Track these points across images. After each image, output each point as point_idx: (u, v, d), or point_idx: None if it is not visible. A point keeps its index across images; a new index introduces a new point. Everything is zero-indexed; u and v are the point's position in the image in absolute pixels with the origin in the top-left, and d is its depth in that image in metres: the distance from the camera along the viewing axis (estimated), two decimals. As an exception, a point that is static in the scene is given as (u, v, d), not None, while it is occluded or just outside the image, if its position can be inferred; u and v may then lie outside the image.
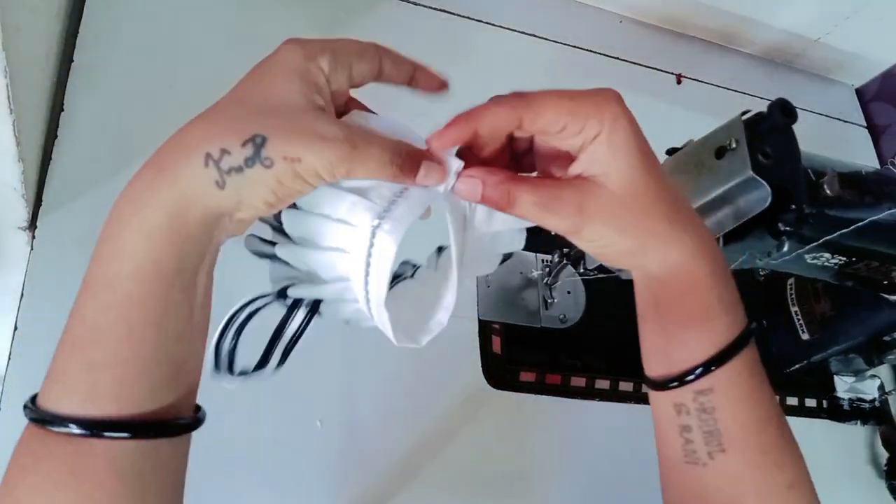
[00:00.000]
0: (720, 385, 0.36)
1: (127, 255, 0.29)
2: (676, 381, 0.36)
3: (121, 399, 0.28)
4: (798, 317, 0.70)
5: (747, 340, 0.36)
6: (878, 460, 0.73)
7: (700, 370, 0.35)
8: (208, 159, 0.28)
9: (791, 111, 0.45)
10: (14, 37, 0.41)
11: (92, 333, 0.29)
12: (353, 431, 0.54)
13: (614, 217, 0.33)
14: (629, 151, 0.32)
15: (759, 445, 0.36)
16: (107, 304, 0.29)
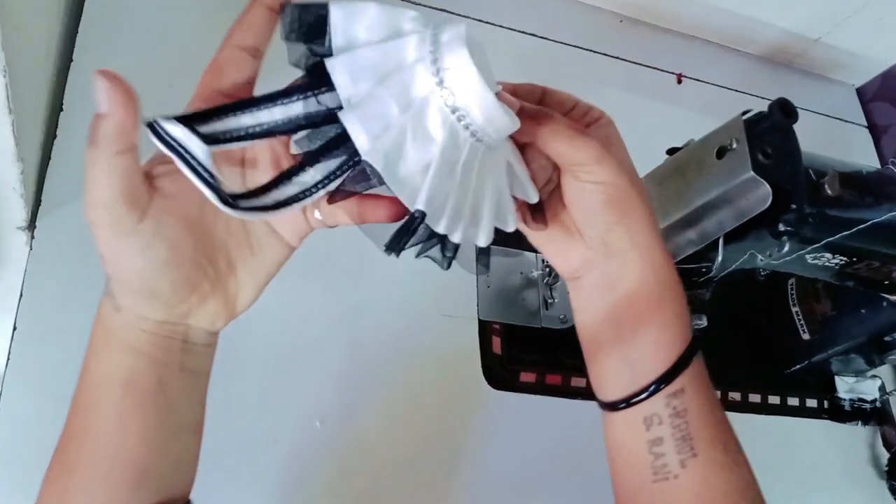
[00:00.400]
0: (690, 383, 0.36)
1: (91, 370, 0.33)
2: (649, 390, 0.36)
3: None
4: (799, 317, 0.70)
5: (701, 340, 0.38)
6: (879, 461, 0.73)
7: (671, 372, 0.36)
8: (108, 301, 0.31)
9: (791, 111, 0.45)
10: (14, 37, 0.41)
11: (64, 438, 0.33)
12: (353, 431, 0.54)
13: (627, 167, 0.35)
14: (621, 140, 0.36)
15: (723, 444, 0.37)
16: (73, 410, 0.33)
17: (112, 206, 0.28)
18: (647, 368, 0.37)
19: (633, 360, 0.37)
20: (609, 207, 0.35)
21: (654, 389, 0.36)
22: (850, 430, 0.73)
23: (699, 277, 0.51)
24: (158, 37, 0.61)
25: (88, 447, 0.32)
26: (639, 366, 0.37)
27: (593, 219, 0.35)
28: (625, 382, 0.38)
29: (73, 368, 0.48)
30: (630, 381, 0.37)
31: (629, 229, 0.36)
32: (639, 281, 0.37)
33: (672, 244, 0.50)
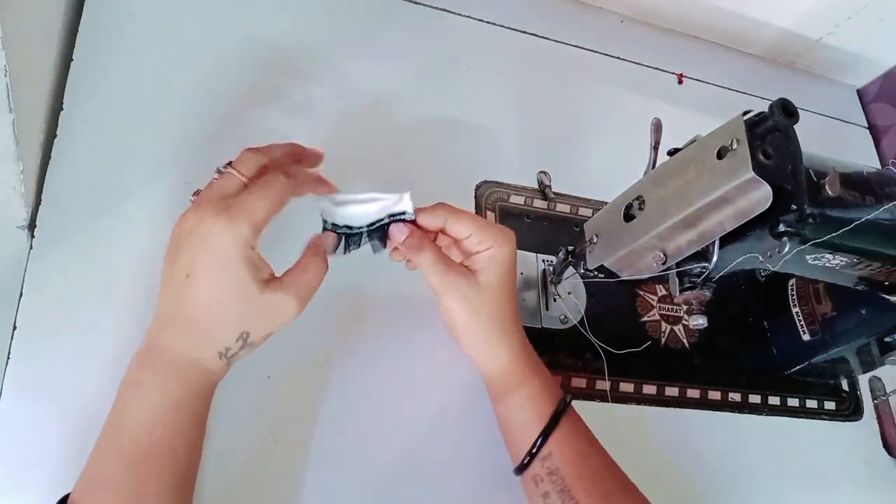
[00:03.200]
0: (556, 447, 0.49)
1: (172, 410, 0.41)
2: (527, 458, 0.49)
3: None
4: (799, 317, 0.70)
5: (566, 409, 0.51)
6: (879, 461, 0.73)
7: (539, 441, 0.49)
8: (221, 356, 0.42)
9: (792, 111, 0.45)
10: (14, 36, 0.41)
11: (144, 454, 0.40)
12: (353, 431, 0.54)
13: (472, 301, 0.49)
14: (503, 268, 0.50)
15: (599, 491, 0.48)
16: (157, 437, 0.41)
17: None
18: (524, 440, 0.50)
19: (515, 435, 0.52)
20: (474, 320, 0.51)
21: (530, 458, 0.49)
22: (851, 431, 0.73)
23: (699, 277, 0.51)
24: (158, 37, 0.61)
25: (162, 464, 0.40)
26: (519, 439, 0.51)
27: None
28: (515, 452, 0.51)
29: (73, 368, 0.48)
30: (517, 450, 0.51)
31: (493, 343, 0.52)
32: (510, 368, 0.52)
33: (672, 244, 0.50)
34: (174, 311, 0.41)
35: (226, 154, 0.61)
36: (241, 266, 0.40)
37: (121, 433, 0.40)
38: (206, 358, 0.41)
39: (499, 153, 0.71)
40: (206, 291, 0.40)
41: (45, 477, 0.45)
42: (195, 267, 0.40)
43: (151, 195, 0.55)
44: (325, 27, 0.70)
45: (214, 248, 0.39)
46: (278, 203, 0.42)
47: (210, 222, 0.39)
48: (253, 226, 0.40)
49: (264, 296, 0.41)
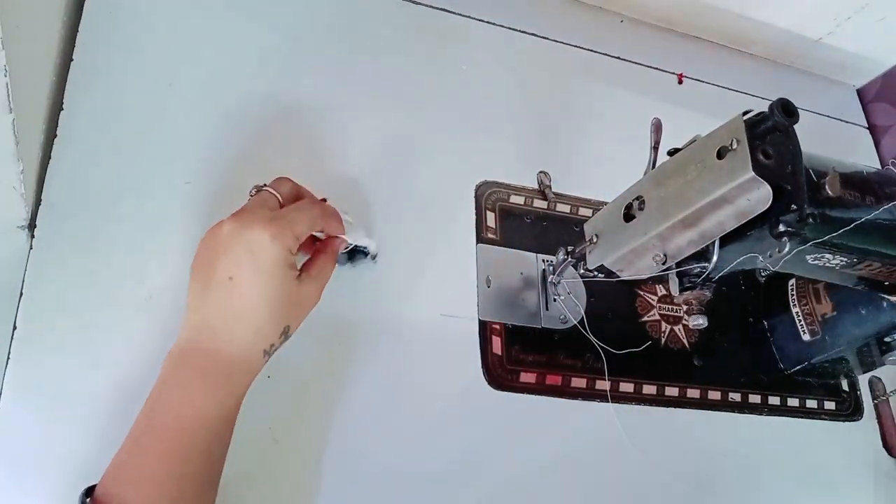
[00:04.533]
0: None
1: (215, 410, 0.43)
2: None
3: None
4: (799, 317, 0.70)
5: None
6: (879, 461, 0.73)
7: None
8: (265, 353, 0.45)
9: (792, 111, 0.45)
10: (14, 36, 0.41)
11: (187, 454, 0.42)
12: (352, 431, 0.54)
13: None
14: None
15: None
16: (200, 438, 0.42)
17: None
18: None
19: None
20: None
21: None
22: (851, 431, 0.73)
23: (699, 277, 0.51)
24: (158, 37, 0.61)
25: (202, 463, 0.42)
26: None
27: None
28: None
29: (73, 368, 0.48)
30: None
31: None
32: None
33: (672, 244, 0.50)
34: (217, 314, 0.43)
35: (225, 154, 0.61)
36: (285, 269, 0.44)
37: (162, 432, 0.41)
38: (251, 357, 0.44)
39: (499, 153, 0.71)
40: (254, 293, 0.43)
41: (45, 477, 0.45)
42: (241, 271, 0.42)
43: (151, 195, 0.55)
44: (324, 27, 0.70)
45: (261, 254, 0.43)
46: (314, 224, 0.48)
47: (258, 230, 0.43)
48: (295, 237, 0.44)
49: (300, 290, 0.46)
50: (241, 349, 0.43)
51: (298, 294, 0.46)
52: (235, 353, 0.43)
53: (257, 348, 0.44)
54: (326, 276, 0.50)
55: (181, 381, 0.42)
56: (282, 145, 0.61)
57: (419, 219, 0.64)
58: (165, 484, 0.40)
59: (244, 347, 0.43)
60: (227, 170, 0.58)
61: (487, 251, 0.65)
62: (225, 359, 0.43)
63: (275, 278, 0.43)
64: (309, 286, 0.47)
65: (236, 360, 0.43)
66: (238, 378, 0.44)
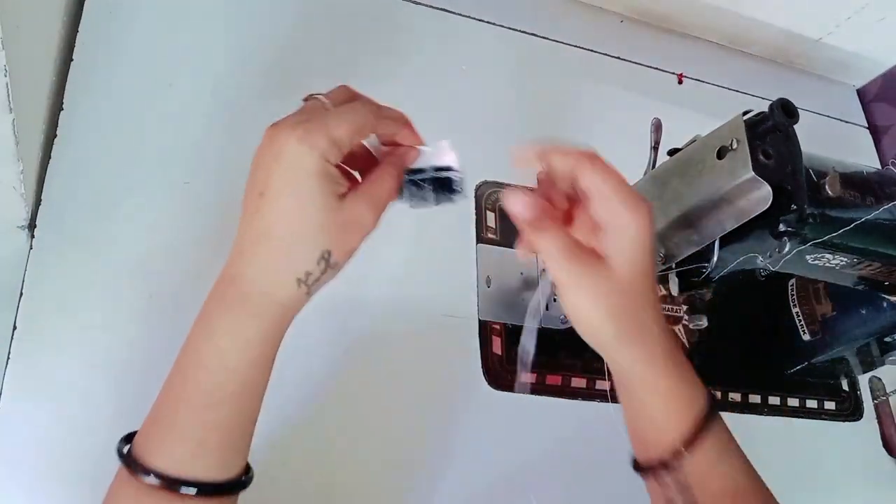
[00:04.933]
0: (691, 465, 0.42)
1: (239, 352, 0.37)
2: (655, 465, 0.43)
3: (224, 458, 0.37)
4: (799, 317, 0.70)
5: (710, 418, 0.43)
6: (879, 461, 0.73)
7: (674, 457, 0.42)
8: (299, 282, 0.37)
9: (792, 111, 0.45)
10: (14, 36, 0.41)
11: (208, 400, 0.37)
12: (352, 431, 0.54)
13: (602, 297, 0.39)
14: (639, 250, 0.39)
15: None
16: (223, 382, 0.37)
17: None
18: (655, 443, 0.43)
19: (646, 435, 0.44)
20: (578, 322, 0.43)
21: (658, 466, 0.43)
22: (851, 431, 0.73)
23: (699, 277, 0.51)
24: (158, 37, 0.61)
25: (228, 412, 0.37)
26: (650, 440, 0.44)
27: None
28: (642, 450, 0.45)
29: (73, 368, 0.48)
30: (644, 450, 0.44)
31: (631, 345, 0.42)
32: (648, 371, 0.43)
33: (672, 244, 0.50)
34: (247, 235, 0.37)
35: (225, 154, 0.61)
36: (319, 178, 0.36)
37: (186, 376, 0.37)
38: (282, 286, 0.37)
39: (499, 153, 0.71)
40: (282, 207, 0.36)
41: (45, 477, 0.45)
42: (269, 183, 0.36)
43: (151, 195, 0.55)
44: (324, 27, 0.70)
45: (290, 161, 0.35)
46: (359, 126, 0.38)
47: (285, 135, 0.36)
48: (330, 139, 0.36)
49: (343, 207, 0.37)
50: (270, 277, 0.36)
51: (340, 212, 0.37)
52: (265, 283, 0.36)
53: (289, 277, 0.36)
54: (383, 194, 0.39)
55: (208, 317, 0.37)
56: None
57: (419, 219, 0.64)
58: (187, 433, 0.36)
59: (274, 274, 0.36)
60: (227, 170, 0.58)
61: (487, 251, 0.65)
62: (252, 289, 0.36)
63: (305, 190, 0.36)
64: (356, 205, 0.37)
65: (265, 291, 0.36)
66: (267, 311, 0.37)
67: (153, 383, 0.44)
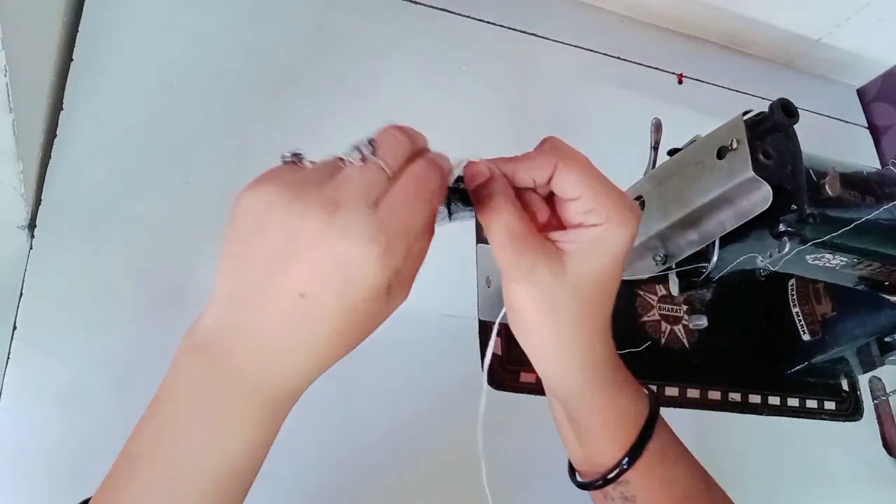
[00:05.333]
0: (635, 477, 0.39)
1: (251, 454, 0.32)
2: (600, 481, 0.40)
3: None
4: (799, 317, 0.70)
5: (651, 428, 0.39)
6: (879, 461, 0.73)
7: (616, 472, 0.39)
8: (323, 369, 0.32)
9: (792, 111, 0.45)
10: (14, 36, 0.41)
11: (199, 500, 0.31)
12: (353, 431, 0.54)
13: (549, 297, 0.35)
14: (610, 257, 0.35)
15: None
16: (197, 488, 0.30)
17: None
18: (599, 462, 0.40)
19: (589, 453, 0.41)
20: (516, 320, 0.39)
21: (603, 482, 0.40)
22: (851, 431, 0.73)
23: (699, 277, 0.51)
24: (158, 37, 0.61)
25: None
26: (594, 458, 0.40)
27: None
28: (584, 466, 0.42)
29: (73, 368, 0.48)
30: (588, 467, 0.41)
31: (530, 347, 0.40)
32: (568, 385, 0.40)
33: (672, 244, 0.50)
34: (276, 335, 0.30)
35: (225, 154, 0.61)
36: (382, 297, 0.30)
37: (173, 469, 0.30)
38: (303, 385, 0.32)
39: (498, 153, 0.71)
40: (333, 325, 0.29)
41: (45, 477, 0.45)
42: (320, 293, 0.29)
43: (151, 195, 0.55)
44: (324, 27, 0.70)
45: (357, 281, 0.29)
46: (433, 211, 0.32)
47: (360, 247, 0.28)
48: (408, 248, 0.30)
49: (387, 310, 0.32)
50: (297, 379, 0.31)
51: (384, 314, 0.32)
52: (290, 384, 0.31)
53: (314, 376, 0.32)
54: (416, 270, 0.33)
55: (206, 407, 0.30)
56: (281, 145, 0.61)
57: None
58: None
59: (301, 378, 0.31)
60: (227, 170, 0.58)
61: (487, 251, 0.65)
62: (274, 392, 0.31)
63: (366, 310, 0.30)
64: (397, 299, 0.32)
65: (288, 390, 0.32)
66: (284, 410, 0.33)
67: (153, 383, 0.44)
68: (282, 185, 0.30)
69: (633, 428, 0.39)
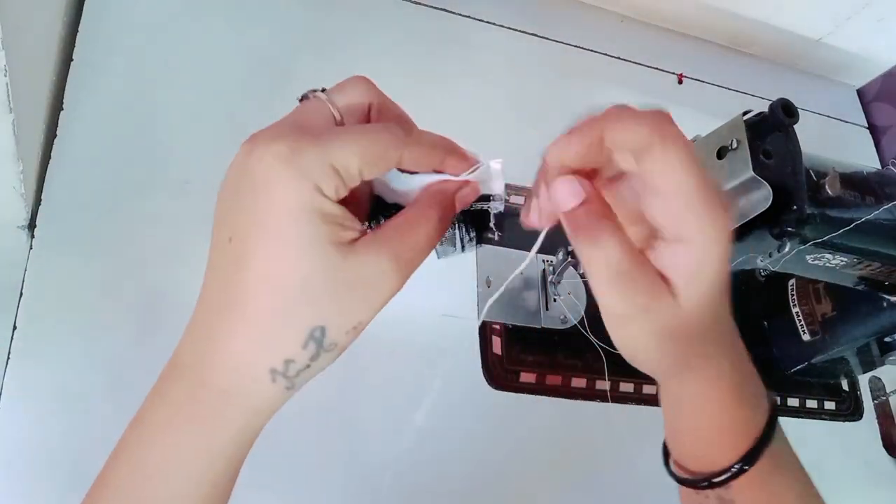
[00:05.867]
0: (738, 483, 0.35)
1: (185, 476, 0.27)
2: (699, 480, 0.36)
3: None
4: (799, 317, 0.70)
5: (768, 437, 0.35)
6: (879, 461, 0.73)
7: (725, 476, 0.34)
8: (274, 375, 0.25)
9: (792, 111, 0.45)
10: (14, 36, 0.41)
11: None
12: (353, 431, 0.54)
13: (663, 329, 0.30)
14: (712, 282, 0.29)
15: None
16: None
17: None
18: (706, 461, 0.36)
19: (697, 451, 0.37)
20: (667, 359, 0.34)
21: (709, 484, 0.35)
22: (851, 431, 0.73)
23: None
24: (158, 37, 0.61)
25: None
26: (701, 459, 0.36)
27: None
28: (689, 462, 0.38)
29: (73, 368, 0.48)
30: (693, 464, 0.37)
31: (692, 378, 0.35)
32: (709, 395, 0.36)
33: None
34: (206, 304, 0.26)
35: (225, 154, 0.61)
36: (311, 218, 0.24)
37: (124, 482, 0.27)
38: (251, 381, 0.26)
39: (499, 153, 0.71)
40: (256, 264, 0.24)
41: (45, 477, 0.45)
42: (239, 226, 0.25)
43: (151, 195, 0.55)
44: (324, 27, 0.70)
45: (270, 193, 0.24)
46: (375, 152, 0.26)
47: (265, 155, 0.24)
48: (331, 166, 0.24)
49: (348, 262, 0.25)
50: (229, 366, 0.25)
51: (343, 269, 0.25)
52: (220, 374, 0.25)
53: (259, 369, 0.25)
54: (415, 243, 0.27)
55: (153, 409, 0.27)
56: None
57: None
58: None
59: (235, 363, 0.25)
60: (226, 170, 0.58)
61: (487, 251, 0.65)
62: (209, 380, 0.26)
63: (289, 238, 0.24)
64: (371, 258, 0.26)
65: (223, 384, 0.26)
66: (228, 413, 0.26)
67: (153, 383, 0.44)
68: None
69: (747, 439, 0.35)
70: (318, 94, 0.28)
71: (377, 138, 0.26)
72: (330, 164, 0.24)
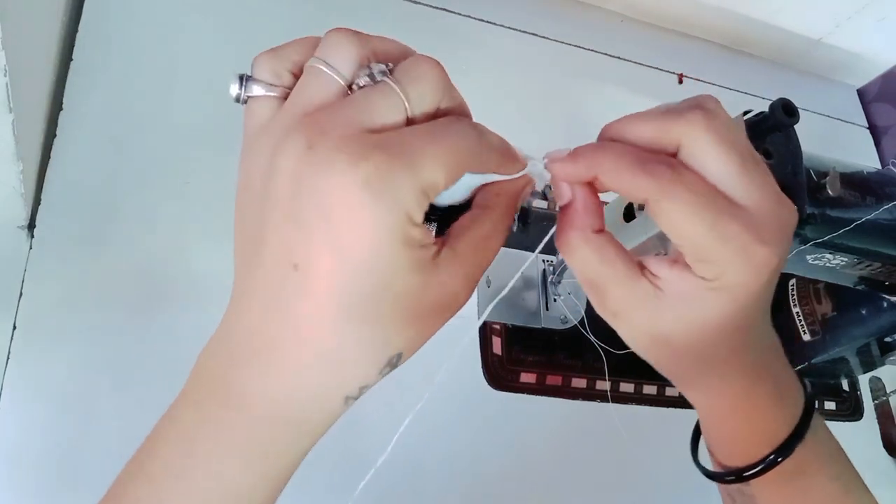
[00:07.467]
0: (759, 489, 0.34)
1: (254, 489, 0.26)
2: (733, 475, 0.35)
3: None
4: (799, 317, 0.70)
5: (802, 435, 0.33)
6: (879, 461, 0.73)
7: (754, 471, 0.33)
8: (348, 400, 0.25)
9: (793, 111, 0.45)
10: (14, 36, 0.41)
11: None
12: (352, 431, 0.54)
13: (669, 330, 0.28)
14: (744, 299, 0.27)
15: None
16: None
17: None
18: (734, 457, 0.35)
19: (725, 448, 0.36)
20: (678, 366, 0.33)
21: (737, 478, 0.34)
22: (851, 431, 0.73)
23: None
24: (158, 37, 0.61)
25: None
26: (732, 454, 0.35)
27: None
28: (721, 456, 0.37)
29: (73, 368, 0.48)
30: (723, 457, 0.37)
31: (713, 385, 0.35)
32: (738, 400, 0.35)
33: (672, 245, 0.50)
34: (270, 331, 0.23)
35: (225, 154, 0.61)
36: (400, 252, 0.22)
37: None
38: (323, 407, 0.25)
39: (499, 153, 0.71)
40: (336, 298, 0.22)
41: (45, 476, 0.45)
42: (312, 256, 0.21)
43: (151, 195, 0.55)
44: (324, 27, 0.69)
45: (355, 229, 0.21)
46: (459, 163, 0.23)
47: (350, 186, 0.20)
48: (422, 190, 0.22)
49: (429, 288, 0.24)
50: (299, 397, 0.24)
51: (425, 297, 0.24)
52: (289, 403, 0.24)
53: (334, 397, 0.25)
54: (485, 263, 0.26)
55: (204, 434, 0.24)
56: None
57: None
58: None
59: (307, 394, 0.24)
60: (227, 170, 0.58)
61: (487, 251, 0.65)
62: (273, 412, 0.24)
63: (377, 270, 0.22)
64: (449, 281, 0.24)
65: (291, 412, 0.24)
66: (297, 441, 0.26)
67: (153, 383, 0.44)
68: (281, 135, 0.23)
69: (770, 442, 0.34)
70: (388, 80, 0.24)
71: (457, 147, 0.23)
72: (421, 189, 0.21)
